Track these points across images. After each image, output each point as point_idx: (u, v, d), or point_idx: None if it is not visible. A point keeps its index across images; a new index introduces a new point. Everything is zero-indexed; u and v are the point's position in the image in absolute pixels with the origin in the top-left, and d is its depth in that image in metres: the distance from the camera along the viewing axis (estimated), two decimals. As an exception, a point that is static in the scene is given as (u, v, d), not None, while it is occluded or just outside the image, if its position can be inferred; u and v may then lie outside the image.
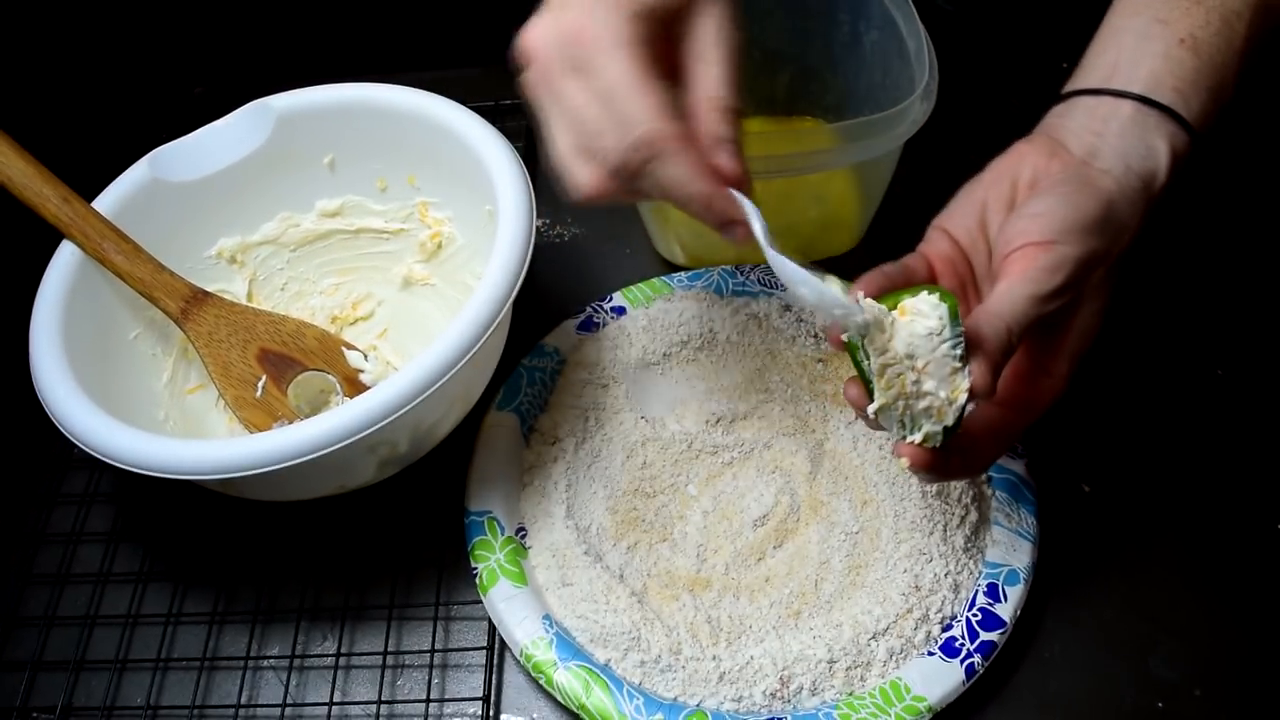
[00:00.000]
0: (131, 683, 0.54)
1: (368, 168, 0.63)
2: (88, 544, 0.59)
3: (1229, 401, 0.59)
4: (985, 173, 0.47)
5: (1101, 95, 0.46)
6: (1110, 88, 0.46)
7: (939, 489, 0.54)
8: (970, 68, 0.64)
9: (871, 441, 0.57)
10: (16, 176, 0.55)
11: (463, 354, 0.48)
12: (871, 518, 0.54)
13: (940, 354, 0.40)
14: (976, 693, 0.49)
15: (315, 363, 0.59)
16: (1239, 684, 0.50)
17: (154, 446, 0.47)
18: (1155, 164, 0.45)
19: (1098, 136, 0.45)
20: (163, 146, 0.60)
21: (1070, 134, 0.46)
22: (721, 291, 0.63)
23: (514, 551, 0.54)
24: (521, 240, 0.52)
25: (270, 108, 0.61)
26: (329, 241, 0.66)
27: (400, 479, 0.56)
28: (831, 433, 0.58)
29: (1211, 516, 0.55)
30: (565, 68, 0.42)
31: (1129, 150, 0.45)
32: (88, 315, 0.55)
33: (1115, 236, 0.43)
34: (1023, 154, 0.46)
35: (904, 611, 0.50)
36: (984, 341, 0.40)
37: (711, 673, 0.49)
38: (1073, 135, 0.46)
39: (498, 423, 0.58)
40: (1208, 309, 0.63)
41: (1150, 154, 0.45)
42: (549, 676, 0.49)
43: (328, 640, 0.54)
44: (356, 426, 0.46)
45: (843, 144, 0.56)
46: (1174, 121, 0.45)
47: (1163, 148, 0.45)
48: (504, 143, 0.57)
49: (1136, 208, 0.44)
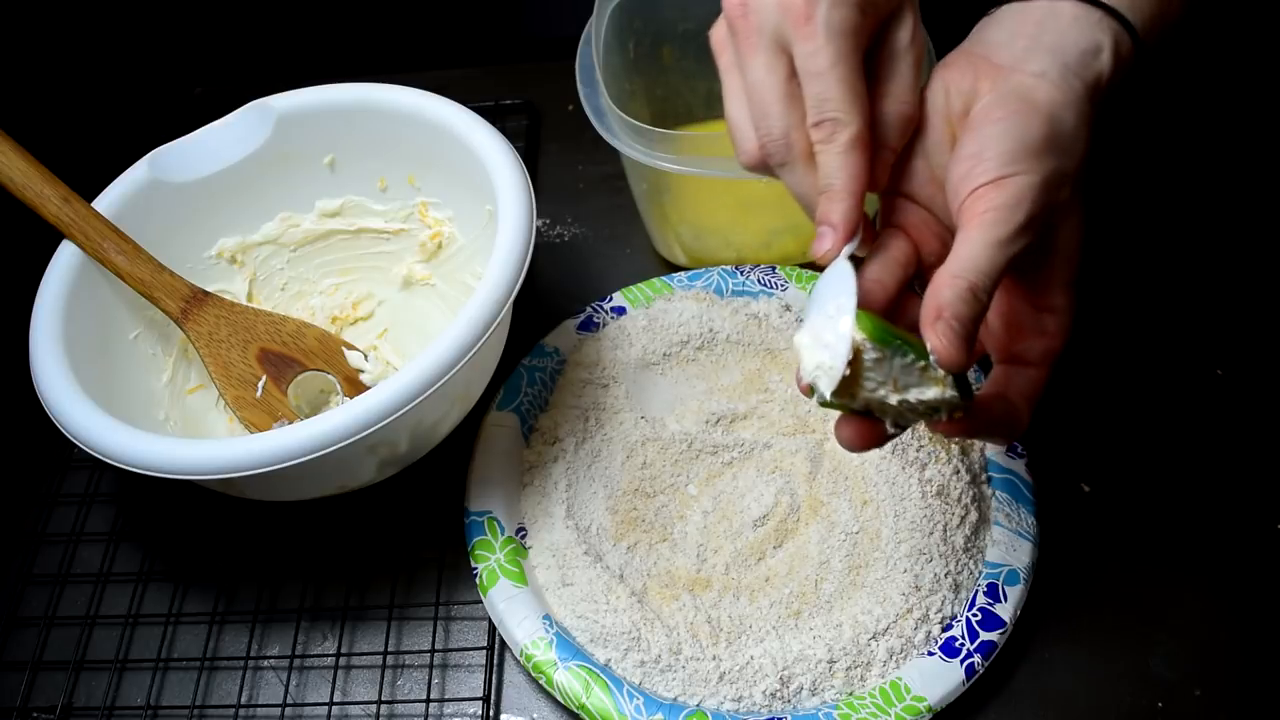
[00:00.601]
0: (131, 683, 0.54)
1: (368, 168, 0.63)
2: (88, 544, 0.59)
3: (1229, 401, 0.59)
4: (921, 120, 0.43)
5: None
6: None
7: (939, 489, 0.54)
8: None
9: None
10: (16, 176, 0.55)
11: (463, 354, 0.48)
12: (871, 518, 0.54)
13: (899, 366, 0.38)
14: (976, 693, 0.49)
15: (315, 363, 0.59)
16: (1239, 684, 0.50)
17: (154, 446, 0.47)
18: (1098, 63, 0.40)
19: (1030, 39, 0.40)
20: (163, 146, 0.60)
21: (996, 46, 0.41)
22: (721, 291, 0.63)
23: (514, 551, 0.54)
24: (521, 240, 0.52)
25: (270, 108, 0.61)
26: (329, 241, 0.66)
27: (400, 479, 0.56)
28: (831, 433, 0.58)
29: (1211, 516, 0.55)
30: (767, 39, 0.40)
31: (1067, 48, 0.40)
32: (88, 315, 0.55)
33: (1068, 149, 0.39)
34: (946, 82, 0.41)
35: (904, 611, 0.50)
36: (943, 309, 0.36)
37: (711, 673, 0.49)
38: (998, 46, 0.41)
39: (498, 423, 0.58)
40: (1208, 309, 0.63)
41: (1091, 49, 0.40)
42: (549, 676, 0.49)
43: (328, 640, 0.55)
44: (356, 426, 0.46)
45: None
46: (1118, 22, 0.41)
47: (1106, 43, 0.40)
48: (504, 143, 0.57)
49: (1084, 114, 0.40)
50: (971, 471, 0.55)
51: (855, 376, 0.38)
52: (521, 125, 0.76)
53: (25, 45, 0.76)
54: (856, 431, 0.40)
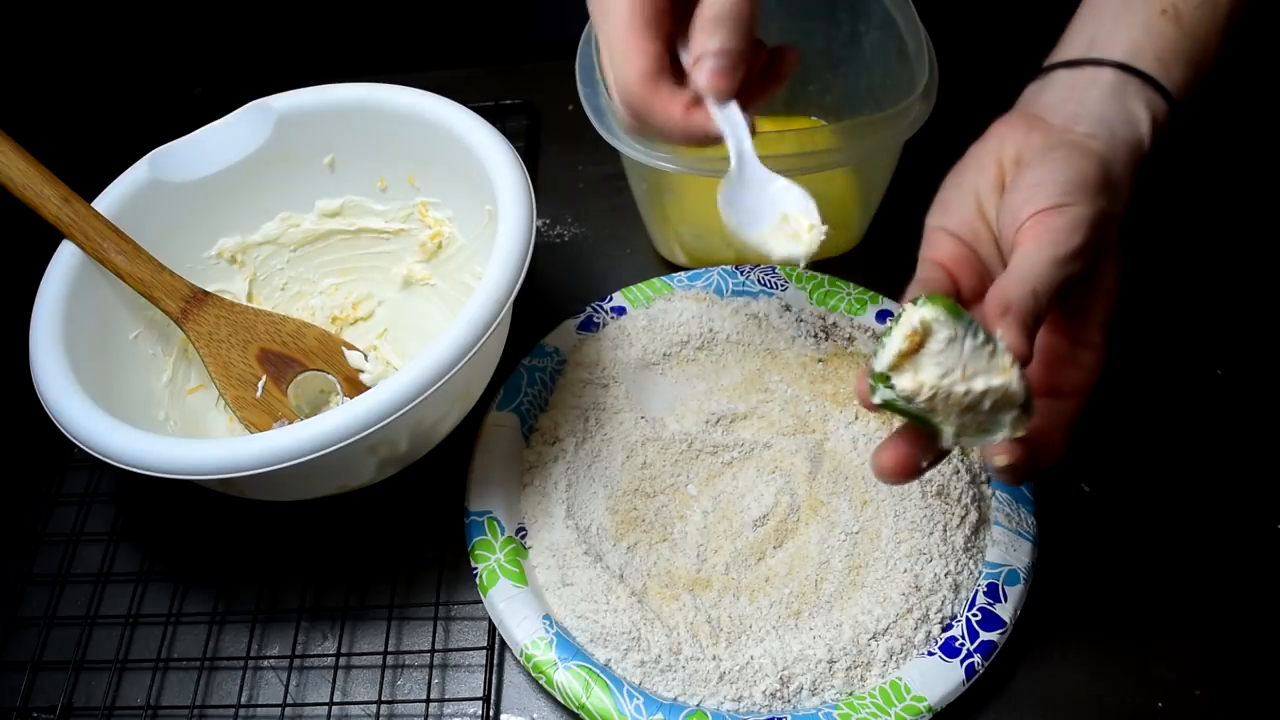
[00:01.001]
0: (131, 683, 0.54)
1: (368, 167, 0.63)
2: (88, 544, 0.59)
3: (1229, 401, 0.59)
4: (966, 159, 0.46)
5: (1081, 66, 0.45)
6: (1090, 57, 0.45)
7: (939, 489, 0.54)
8: (970, 68, 0.64)
9: (871, 442, 0.57)
10: (16, 176, 0.55)
11: (463, 354, 0.48)
12: (871, 518, 0.54)
13: (969, 349, 0.38)
14: (976, 693, 0.49)
15: (315, 363, 0.59)
16: (1239, 684, 0.50)
17: (154, 446, 0.47)
18: (1139, 131, 0.44)
19: (1079, 105, 0.44)
20: (163, 146, 0.60)
21: (1048, 107, 0.45)
22: (721, 291, 0.63)
23: (514, 551, 0.54)
24: (521, 240, 0.52)
25: (270, 108, 0.61)
26: (329, 241, 0.66)
27: (400, 479, 0.56)
28: (831, 433, 0.58)
29: (1211, 516, 0.55)
30: (597, 10, 0.44)
31: (1111, 117, 0.44)
32: (88, 315, 0.55)
33: (1115, 196, 0.42)
34: (1002, 134, 0.45)
35: (904, 611, 0.50)
36: (1010, 305, 0.38)
37: (711, 673, 0.49)
38: (1051, 108, 0.45)
39: (498, 423, 0.58)
40: (1208, 309, 0.63)
41: (1132, 120, 0.44)
42: (549, 676, 0.49)
43: (328, 640, 0.54)
44: (356, 426, 0.46)
45: (843, 144, 0.56)
46: (1155, 90, 0.44)
47: (1144, 115, 0.44)
48: (504, 143, 0.57)
49: (1128, 170, 0.44)
50: (971, 471, 0.55)
51: (923, 360, 0.38)
52: (521, 125, 0.76)
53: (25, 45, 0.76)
54: (899, 455, 0.41)
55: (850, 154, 0.56)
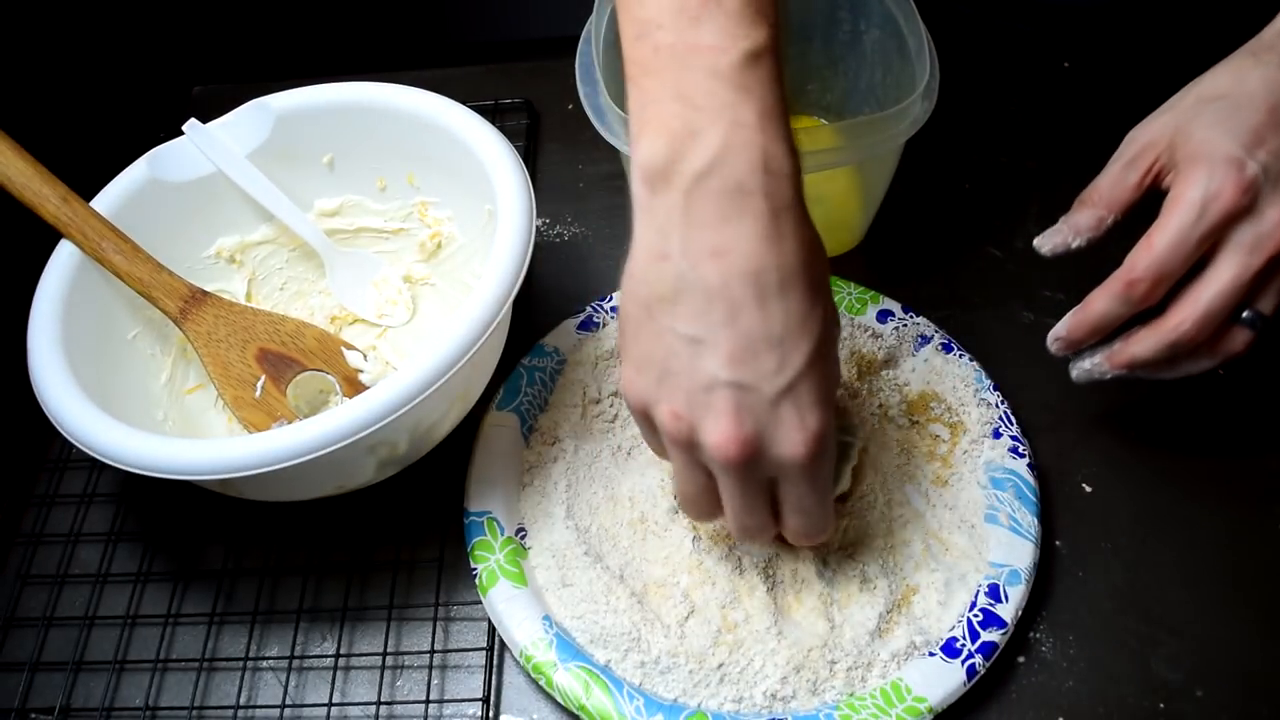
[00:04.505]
0: (130, 683, 0.54)
1: (367, 167, 0.63)
2: (86, 544, 0.59)
3: (1229, 401, 0.59)
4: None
5: None
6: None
7: (939, 489, 0.53)
8: (970, 68, 0.64)
9: (871, 442, 0.56)
10: (16, 176, 0.55)
11: (463, 354, 0.48)
12: (872, 518, 0.54)
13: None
14: (977, 693, 0.49)
15: (314, 363, 0.59)
16: (1241, 684, 0.50)
17: (153, 446, 0.47)
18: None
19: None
20: (162, 146, 0.60)
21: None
22: (721, 291, 0.63)
23: (514, 552, 0.54)
24: (521, 240, 0.52)
25: (269, 107, 0.61)
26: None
27: (400, 479, 0.55)
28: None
29: (1211, 516, 0.55)
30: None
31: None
32: (86, 315, 0.55)
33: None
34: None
35: (904, 612, 0.50)
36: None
37: (712, 673, 0.49)
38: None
39: (498, 423, 0.58)
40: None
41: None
42: (549, 677, 0.49)
43: (327, 641, 0.54)
44: (356, 426, 0.46)
45: (843, 143, 0.56)
46: None
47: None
48: (504, 143, 0.57)
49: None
50: (972, 471, 0.55)
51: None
52: (521, 125, 0.76)
53: (25, 45, 0.76)
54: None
55: (851, 153, 0.56)
